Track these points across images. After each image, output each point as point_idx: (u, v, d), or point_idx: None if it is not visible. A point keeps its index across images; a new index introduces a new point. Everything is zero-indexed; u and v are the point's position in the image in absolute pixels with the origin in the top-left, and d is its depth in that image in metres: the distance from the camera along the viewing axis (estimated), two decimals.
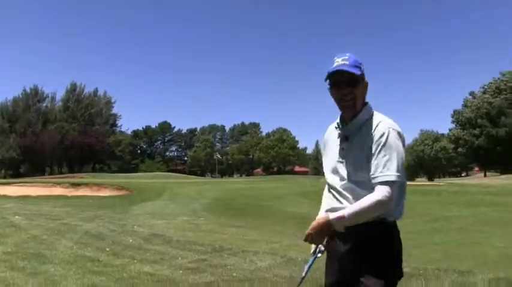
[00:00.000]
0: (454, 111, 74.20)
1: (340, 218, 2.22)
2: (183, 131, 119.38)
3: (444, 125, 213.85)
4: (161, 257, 7.23)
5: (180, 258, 7.17)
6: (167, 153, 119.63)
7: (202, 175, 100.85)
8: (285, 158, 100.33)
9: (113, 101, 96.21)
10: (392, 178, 2.17)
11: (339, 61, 2.33)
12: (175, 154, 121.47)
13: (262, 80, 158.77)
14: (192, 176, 73.64)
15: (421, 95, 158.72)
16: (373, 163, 2.21)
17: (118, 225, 11.07)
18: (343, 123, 2.43)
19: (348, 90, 2.32)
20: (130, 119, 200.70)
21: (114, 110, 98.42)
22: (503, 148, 64.62)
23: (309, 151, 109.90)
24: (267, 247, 8.56)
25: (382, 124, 2.27)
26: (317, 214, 2.56)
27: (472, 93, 73.85)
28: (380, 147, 2.21)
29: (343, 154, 2.37)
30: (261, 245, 8.78)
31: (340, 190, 2.35)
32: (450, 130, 75.97)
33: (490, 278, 5.68)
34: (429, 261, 6.64)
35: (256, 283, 5.67)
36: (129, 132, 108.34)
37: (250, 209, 17.03)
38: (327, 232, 2.31)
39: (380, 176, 2.18)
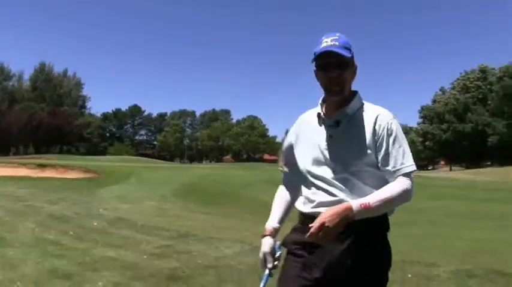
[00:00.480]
0: (422, 107, 75.91)
1: (366, 207, 1.97)
2: (153, 115, 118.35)
3: (412, 118, 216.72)
4: (126, 242, 7.13)
5: (144, 243, 7.07)
6: (136, 137, 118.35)
7: (171, 160, 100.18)
8: (255, 145, 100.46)
9: (82, 82, 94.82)
10: (413, 168, 2.11)
11: (328, 41, 2.12)
12: (145, 138, 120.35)
13: (234, 67, 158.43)
14: (161, 161, 73.09)
15: (391, 88, 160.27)
16: (391, 155, 2.08)
17: (83, 208, 10.88)
18: (328, 109, 2.23)
19: (336, 74, 2.11)
20: (101, 102, 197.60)
21: (84, 92, 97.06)
22: (468, 143, 66.23)
23: (279, 139, 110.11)
24: (234, 234, 8.50)
25: (384, 115, 2.13)
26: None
27: (442, 89, 75.42)
28: (393, 139, 2.09)
29: (333, 141, 2.15)
30: (228, 232, 8.72)
31: (332, 181, 2.11)
32: (418, 124, 77.47)
33: (452, 270, 5.74)
34: (395, 253, 6.67)
35: (221, 270, 5.60)
36: (98, 114, 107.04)
37: (219, 195, 16.95)
38: (343, 225, 1.96)
39: (403, 167, 2.08)
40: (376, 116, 2.12)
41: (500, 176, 35.53)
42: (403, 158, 2.09)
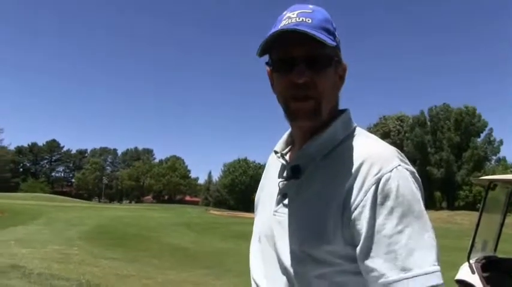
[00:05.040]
0: None
1: None
2: (72, 152, 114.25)
3: None
4: None
5: None
6: (53, 173, 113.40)
7: (89, 198, 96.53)
8: (176, 187, 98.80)
9: None
10: (434, 279, 0.94)
11: (293, 16, 1.12)
12: (63, 174, 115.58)
13: (159, 105, 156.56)
14: (78, 199, 70.33)
15: None
16: (382, 245, 0.98)
17: None
18: (292, 145, 1.29)
19: (305, 77, 1.09)
20: (17, 134, 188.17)
21: None
22: None
23: (201, 180, 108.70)
24: (139, 283, 8.07)
25: (377, 161, 1.05)
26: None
27: None
28: (388, 211, 0.99)
29: (288, 207, 1.16)
30: (133, 281, 8.26)
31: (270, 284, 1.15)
32: None
33: None
34: None
35: None
36: (11, 147, 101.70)
37: (131, 239, 16.28)
38: None
39: (402, 274, 0.95)
40: (361, 161, 1.06)
41: None
42: (409, 253, 0.96)
